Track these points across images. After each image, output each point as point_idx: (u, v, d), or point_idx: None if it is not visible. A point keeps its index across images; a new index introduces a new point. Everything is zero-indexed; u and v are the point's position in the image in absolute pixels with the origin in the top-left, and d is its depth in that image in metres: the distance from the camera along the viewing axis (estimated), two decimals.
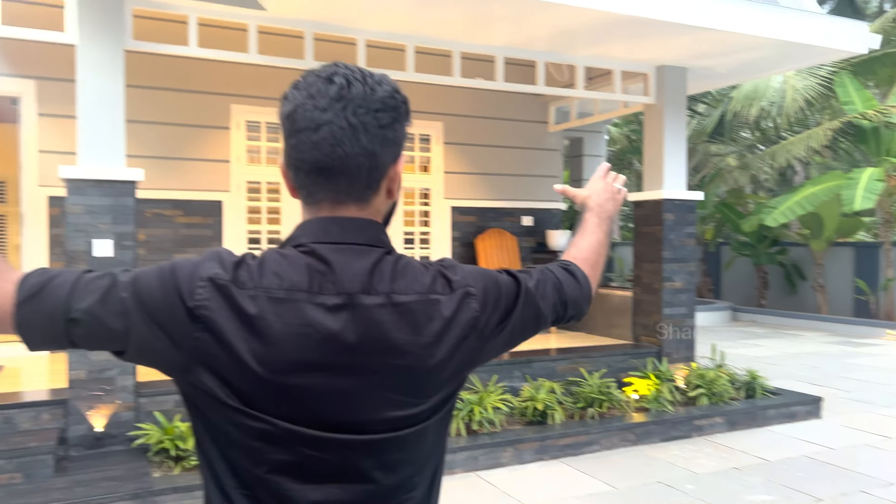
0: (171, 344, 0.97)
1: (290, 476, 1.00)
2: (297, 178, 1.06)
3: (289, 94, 1.06)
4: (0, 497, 3.79)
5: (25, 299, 0.95)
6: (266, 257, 1.02)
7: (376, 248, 1.06)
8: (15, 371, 5.43)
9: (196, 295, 0.96)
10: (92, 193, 4.58)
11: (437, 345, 1.04)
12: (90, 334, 0.98)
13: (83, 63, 4.58)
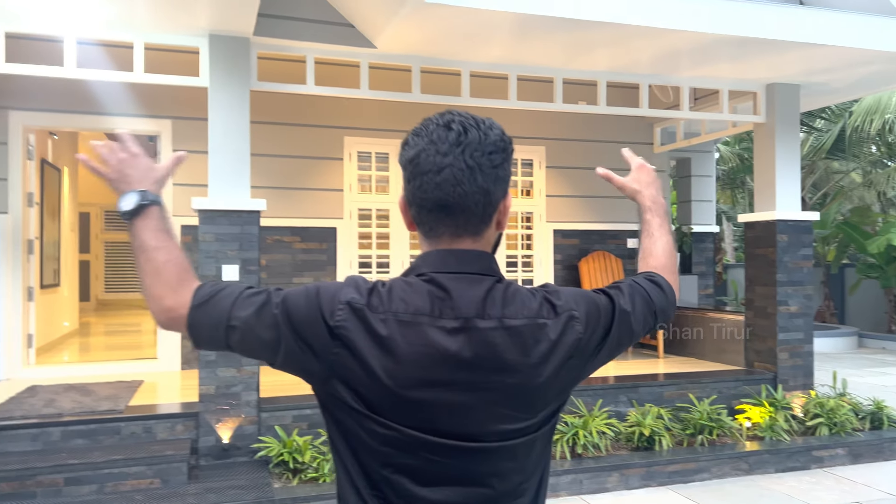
0: (313, 356, 1.13)
1: (412, 478, 1.13)
2: (419, 215, 1.19)
3: (410, 140, 1.19)
4: (142, 500, 4.18)
5: (197, 305, 1.16)
6: (394, 285, 1.16)
7: (488, 276, 1.18)
8: (152, 385, 5.93)
9: (336, 316, 1.11)
10: (221, 223, 4.99)
11: (544, 365, 1.16)
12: (244, 341, 1.15)
13: (214, 103, 5.03)
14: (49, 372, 6.43)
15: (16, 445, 4.52)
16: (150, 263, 1.21)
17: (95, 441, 4.67)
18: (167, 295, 1.18)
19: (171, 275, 1.19)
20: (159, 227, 1.24)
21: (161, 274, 1.20)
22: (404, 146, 1.20)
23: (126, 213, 1.25)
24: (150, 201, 1.25)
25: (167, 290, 1.19)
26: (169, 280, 1.19)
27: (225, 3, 4.50)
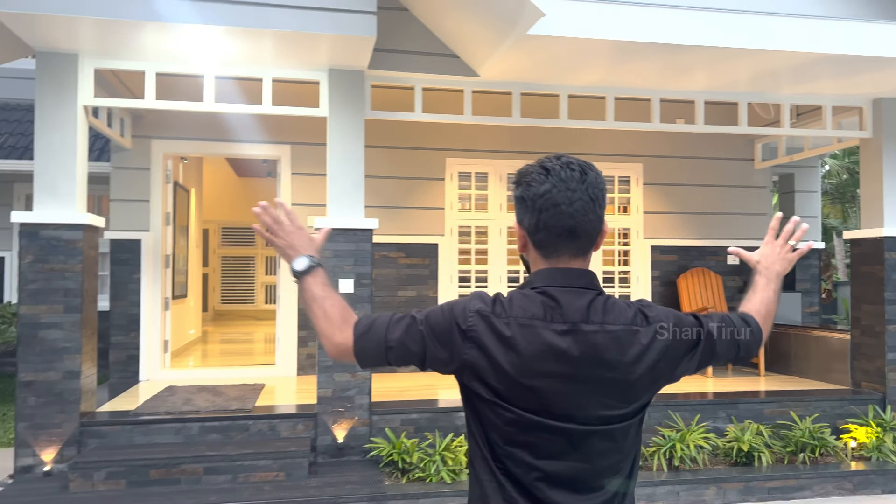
0: (450, 357, 1.45)
1: (529, 452, 1.42)
2: (546, 239, 1.46)
3: (536, 178, 1.46)
4: (270, 490, 4.65)
5: (360, 336, 1.49)
6: (513, 296, 1.46)
7: (591, 290, 1.47)
8: (273, 388, 6.48)
9: (468, 321, 1.43)
10: (338, 240, 5.46)
11: (637, 364, 1.43)
12: (399, 356, 1.47)
13: (332, 132, 5.52)
14: (181, 374, 7.12)
15: (162, 437, 5.11)
16: (320, 310, 1.53)
17: (227, 436, 5.20)
18: (336, 333, 1.50)
19: (337, 317, 1.51)
20: (324, 282, 1.56)
21: (330, 317, 1.52)
22: (529, 184, 1.47)
23: (299, 272, 1.57)
24: (317, 264, 1.58)
25: (335, 330, 1.51)
26: (336, 321, 1.51)
27: (344, 42, 4.97)
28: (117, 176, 7.07)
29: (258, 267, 14.67)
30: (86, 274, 5.12)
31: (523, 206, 1.49)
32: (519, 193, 1.50)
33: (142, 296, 7.01)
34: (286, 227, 1.61)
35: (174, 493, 4.58)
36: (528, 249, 1.52)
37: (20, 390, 4.93)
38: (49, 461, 4.91)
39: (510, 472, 1.43)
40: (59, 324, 4.99)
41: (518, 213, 1.51)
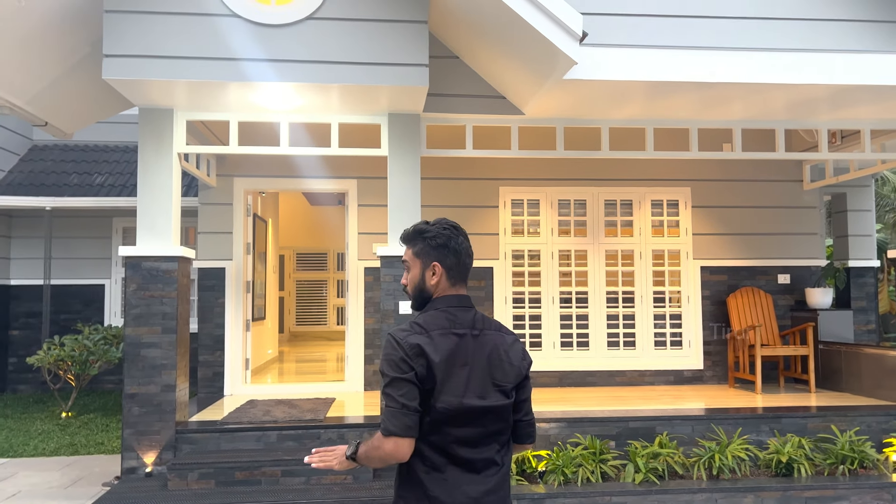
0: (415, 377, 2.07)
1: (451, 426, 2.09)
2: (458, 274, 2.24)
3: (451, 233, 2.24)
4: (339, 491, 5.22)
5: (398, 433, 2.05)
6: (425, 317, 2.17)
7: (472, 308, 2.23)
8: (342, 402, 7.10)
9: (410, 348, 2.08)
10: (398, 266, 6.05)
11: (511, 360, 2.20)
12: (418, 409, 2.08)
13: (392, 169, 6.14)
14: (261, 389, 7.84)
15: (244, 444, 5.77)
16: (376, 461, 2.13)
17: (302, 444, 5.82)
18: (388, 456, 2.08)
19: (380, 450, 2.08)
20: (362, 450, 2.16)
21: (378, 456, 2.11)
22: (448, 237, 2.22)
23: (349, 456, 2.19)
24: (354, 449, 2.18)
25: (386, 456, 2.08)
26: (380, 453, 2.09)
27: (401, 91, 5.59)
28: (204, 211, 7.90)
29: (330, 290, 15.49)
30: (180, 299, 5.87)
31: (445, 250, 2.22)
32: (441, 242, 2.22)
33: (226, 318, 7.79)
34: (330, 458, 2.24)
35: (256, 492, 5.21)
36: (439, 282, 2.21)
37: (126, 401, 5.70)
38: (150, 463, 5.64)
39: (432, 442, 2.08)
40: (158, 343, 5.74)
41: (438, 256, 2.21)
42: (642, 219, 8.35)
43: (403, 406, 2.02)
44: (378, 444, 2.06)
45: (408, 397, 2.03)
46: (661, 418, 6.09)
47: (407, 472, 2.11)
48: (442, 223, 2.24)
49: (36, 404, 9.57)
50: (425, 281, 2.22)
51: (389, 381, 2.06)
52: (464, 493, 2.06)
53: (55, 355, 8.35)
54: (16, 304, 10.61)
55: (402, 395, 2.03)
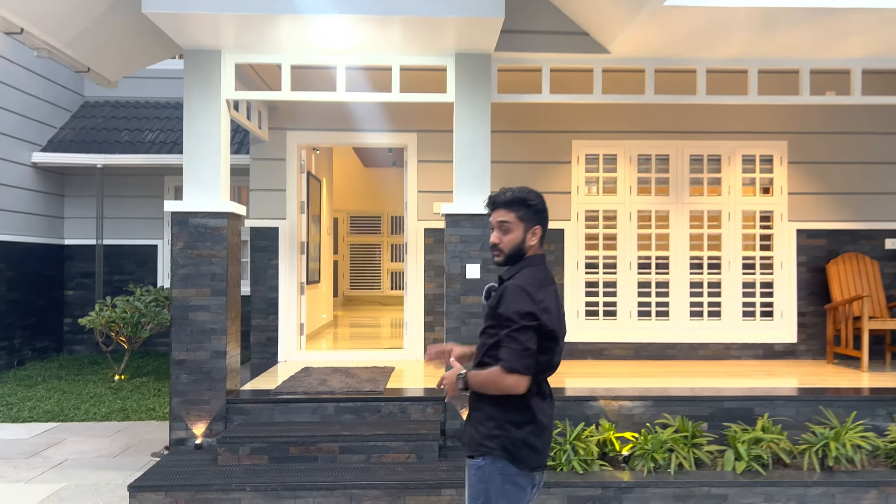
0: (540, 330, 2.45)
1: (553, 363, 2.55)
2: (544, 237, 2.59)
3: (543, 202, 2.59)
4: (402, 471, 4.72)
5: (523, 370, 2.42)
6: (537, 272, 2.53)
7: None
8: (401, 372, 6.60)
9: (539, 303, 2.44)
10: (465, 225, 5.45)
11: None
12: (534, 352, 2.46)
13: (459, 116, 5.51)
14: (316, 356, 7.41)
15: (300, 416, 5.33)
16: (487, 391, 2.47)
17: (361, 417, 5.34)
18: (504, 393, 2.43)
19: (497, 379, 2.41)
20: (473, 375, 2.48)
21: (494, 384, 2.44)
22: (537, 204, 2.56)
23: (462, 389, 2.51)
24: (463, 374, 2.49)
25: (504, 385, 2.41)
26: (498, 382, 2.42)
27: (471, 25, 4.93)
28: (256, 167, 7.43)
29: (384, 254, 15.06)
30: (230, 259, 5.41)
31: (543, 216, 2.58)
32: (541, 209, 2.57)
33: (279, 281, 7.35)
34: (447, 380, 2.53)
35: (312, 470, 4.76)
36: (536, 244, 2.56)
37: (174, 368, 5.30)
38: (199, 435, 5.25)
39: (536, 376, 2.48)
40: (207, 306, 5.31)
41: (541, 220, 2.57)
42: (732, 176, 7.52)
43: (527, 349, 2.38)
44: (498, 378, 2.39)
45: (531, 342, 2.39)
46: (760, 398, 5.40)
47: (517, 401, 2.45)
48: (534, 192, 2.57)
49: (90, 366, 9.40)
50: (525, 242, 2.54)
51: (519, 328, 2.38)
52: (547, 415, 2.53)
53: (106, 317, 8.09)
54: (70, 264, 10.44)
55: (527, 340, 2.38)
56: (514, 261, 2.53)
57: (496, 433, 2.44)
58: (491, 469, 2.44)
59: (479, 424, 2.48)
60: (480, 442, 2.46)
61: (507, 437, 2.43)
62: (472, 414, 2.55)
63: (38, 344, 9.85)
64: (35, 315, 9.77)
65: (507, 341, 2.37)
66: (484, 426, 2.46)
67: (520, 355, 2.35)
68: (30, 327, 9.65)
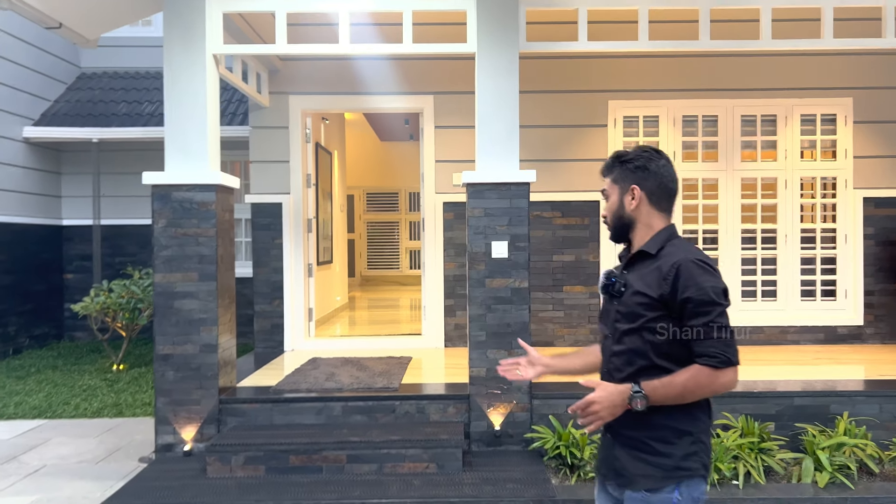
0: None
1: None
2: (663, 199, 2.04)
3: (652, 154, 2.06)
4: (420, 485, 4.03)
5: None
6: (688, 244, 2.01)
7: None
8: (419, 362, 5.90)
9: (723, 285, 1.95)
10: (490, 196, 4.70)
11: None
12: None
13: (482, 69, 4.73)
14: (326, 344, 6.74)
15: (302, 417, 4.65)
16: (687, 395, 1.90)
17: (372, 418, 4.66)
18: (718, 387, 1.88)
19: (704, 382, 1.87)
20: (661, 385, 1.89)
21: (698, 387, 1.89)
22: (649, 158, 2.04)
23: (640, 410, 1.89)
24: (636, 392, 1.88)
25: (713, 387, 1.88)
26: (705, 385, 1.88)
27: None
28: (256, 136, 6.71)
29: (402, 232, 14.35)
30: (220, 239, 4.71)
31: (645, 172, 2.03)
32: (641, 164, 2.03)
33: (284, 262, 6.66)
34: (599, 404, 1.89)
35: (315, 483, 4.09)
36: (639, 206, 2.03)
37: (158, 364, 4.64)
38: (189, 440, 4.60)
39: None
40: (194, 293, 4.63)
41: (637, 179, 2.03)
42: (789, 139, 6.66)
43: (733, 333, 1.89)
44: (708, 379, 1.86)
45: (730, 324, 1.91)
46: (837, 394, 4.63)
47: (698, 406, 1.94)
48: (641, 147, 2.09)
49: (90, 354, 8.83)
50: (624, 206, 2.07)
51: (722, 311, 1.88)
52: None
53: (101, 303, 7.47)
54: (69, 246, 9.85)
55: (730, 324, 1.89)
56: (620, 233, 2.09)
57: (694, 450, 1.91)
58: (688, 499, 1.91)
59: (663, 444, 1.90)
60: (677, 465, 1.89)
61: (705, 450, 1.94)
62: (633, 434, 1.94)
63: (37, 331, 9.29)
64: (32, 300, 9.20)
65: (711, 329, 1.85)
66: (675, 445, 1.90)
67: (730, 343, 1.87)
68: (27, 314, 9.09)
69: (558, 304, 6.70)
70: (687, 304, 1.86)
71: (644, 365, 1.93)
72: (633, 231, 2.04)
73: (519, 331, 4.66)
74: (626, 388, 1.87)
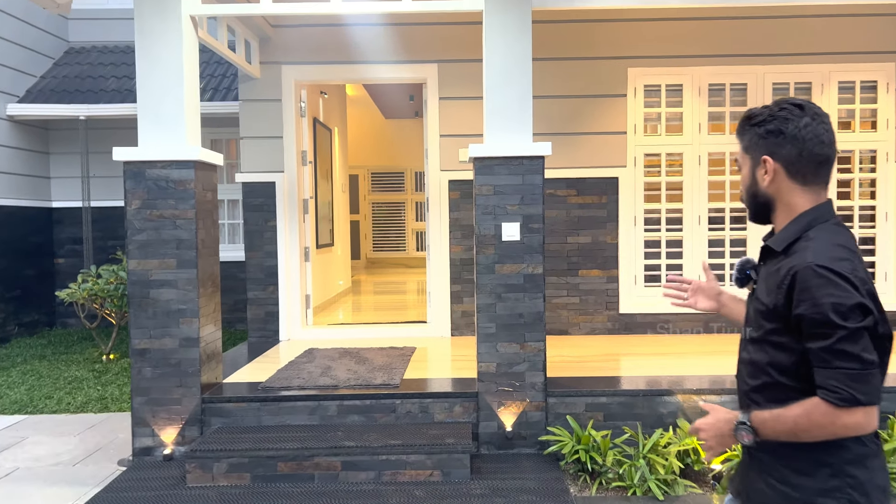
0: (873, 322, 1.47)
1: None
2: (807, 168, 1.58)
3: (792, 111, 1.57)
4: (422, 497, 3.59)
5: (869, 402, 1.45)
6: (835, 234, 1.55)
7: None
8: (423, 354, 5.46)
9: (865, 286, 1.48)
10: (500, 172, 4.21)
11: None
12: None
13: (490, 29, 4.22)
14: (324, 333, 6.30)
15: (294, 418, 4.22)
16: (802, 434, 1.50)
17: (371, 418, 4.22)
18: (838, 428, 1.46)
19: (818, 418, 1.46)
20: (772, 417, 1.53)
21: (813, 425, 1.47)
22: (785, 118, 1.57)
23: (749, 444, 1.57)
24: (744, 423, 1.55)
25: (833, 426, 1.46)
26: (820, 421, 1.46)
27: None
28: (246, 110, 6.22)
29: (408, 213, 13.87)
30: (201, 221, 4.25)
31: (780, 137, 1.58)
32: (773, 127, 1.58)
33: (279, 245, 6.20)
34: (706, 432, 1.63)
35: (306, 494, 3.65)
36: (776, 182, 1.60)
37: (134, 360, 4.20)
38: (169, 443, 4.18)
39: None
40: (173, 281, 4.17)
41: (769, 147, 1.59)
42: (825, 108, 6.09)
43: (869, 364, 1.43)
44: (826, 418, 1.45)
45: (869, 351, 1.44)
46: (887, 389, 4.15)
47: (834, 450, 1.49)
48: (780, 102, 1.61)
49: (81, 342, 8.44)
50: (757, 182, 1.64)
51: (846, 335, 1.43)
52: (886, 472, 1.54)
53: (88, 289, 7.05)
54: (59, 229, 9.42)
55: (863, 349, 1.43)
56: (761, 215, 1.68)
57: (835, 484, 1.50)
58: None
59: (796, 475, 1.53)
60: (808, 501, 1.51)
61: (855, 485, 1.50)
62: (765, 458, 1.60)
63: (26, 318, 8.90)
64: (21, 286, 8.80)
65: (831, 357, 1.45)
66: (810, 477, 1.52)
67: (859, 376, 1.44)
68: (15, 300, 8.69)
69: (573, 290, 6.22)
70: (801, 323, 1.48)
71: (767, 382, 1.58)
72: (772, 212, 1.65)
73: (532, 322, 4.19)
74: (734, 418, 1.58)
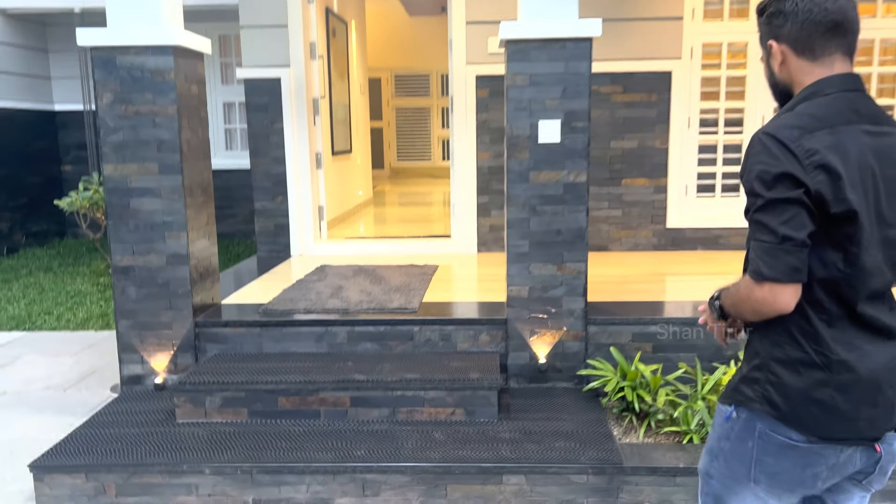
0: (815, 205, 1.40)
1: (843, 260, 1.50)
2: (811, 38, 1.44)
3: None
4: (442, 440, 3.10)
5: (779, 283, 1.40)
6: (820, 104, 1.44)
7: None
8: (446, 273, 4.91)
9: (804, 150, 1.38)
10: (537, 58, 3.48)
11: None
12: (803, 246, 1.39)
13: None
14: (339, 248, 5.77)
15: (298, 345, 3.72)
16: (741, 305, 1.51)
17: (385, 347, 3.71)
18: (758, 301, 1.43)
19: (743, 292, 1.48)
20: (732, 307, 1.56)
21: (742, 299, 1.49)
22: (767, 5, 1.50)
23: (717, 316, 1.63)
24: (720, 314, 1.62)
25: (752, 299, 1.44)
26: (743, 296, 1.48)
27: None
28: None
29: (434, 119, 13.08)
30: (185, 119, 3.63)
31: (780, 17, 1.48)
32: (773, 10, 1.49)
33: (287, 150, 5.59)
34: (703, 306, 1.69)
35: (309, 433, 3.19)
36: (787, 65, 1.50)
37: (116, 278, 3.70)
38: (161, 370, 3.73)
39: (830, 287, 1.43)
40: (155, 189, 3.61)
41: (772, 31, 1.50)
42: None
43: (784, 238, 1.36)
44: (746, 291, 1.46)
45: (792, 226, 1.36)
46: None
47: (792, 327, 1.45)
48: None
49: (90, 253, 8.07)
50: (773, 71, 1.55)
51: (765, 205, 1.38)
52: (868, 360, 1.43)
53: (88, 198, 6.57)
54: (64, 134, 8.91)
55: (784, 224, 1.36)
56: (784, 104, 1.53)
57: (756, 375, 1.53)
58: (744, 428, 1.54)
59: (743, 363, 1.59)
60: (733, 387, 1.58)
61: (774, 383, 1.49)
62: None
63: (35, 228, 8.53)
64: (28, 194, 8.38)
65: (753, 227, 1.43)
66: (745, 365, 1.58)
67: (769, 251, 1.38)
68: (22, 209, 8.30)
69: (615, 201, 5.55)
70: (747, 193, 1.44)
71: (746, 258, 1.53)
72: (805, 88, 1.50)
73: (573, 240, 3.57)
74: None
